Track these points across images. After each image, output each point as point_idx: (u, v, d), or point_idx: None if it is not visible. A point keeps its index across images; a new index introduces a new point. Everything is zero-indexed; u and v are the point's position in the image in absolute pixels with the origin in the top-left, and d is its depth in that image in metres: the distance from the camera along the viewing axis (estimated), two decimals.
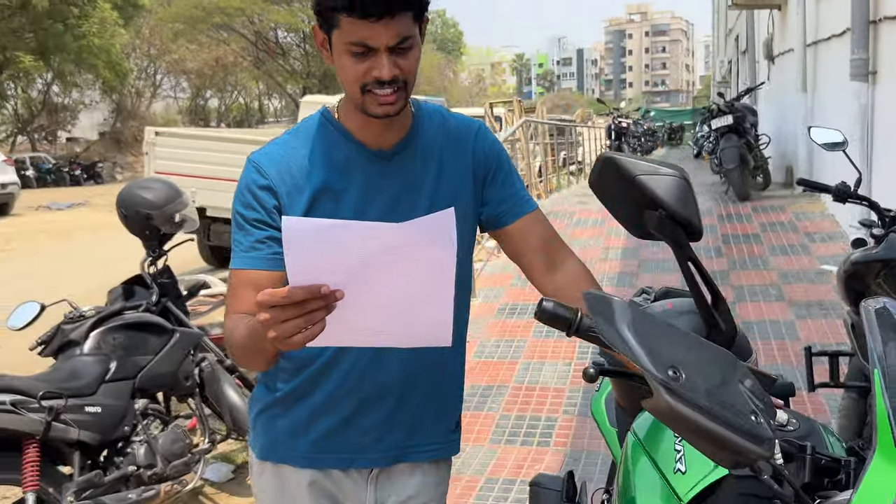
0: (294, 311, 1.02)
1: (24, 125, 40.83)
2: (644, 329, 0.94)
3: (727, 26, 20.06)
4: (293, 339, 1.03)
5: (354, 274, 1.04)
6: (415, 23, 1.31)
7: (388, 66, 1.29)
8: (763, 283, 5.75)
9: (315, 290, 1.01)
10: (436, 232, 1.04)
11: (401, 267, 1.05)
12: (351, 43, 1.28)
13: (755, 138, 8.88)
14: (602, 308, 0.95)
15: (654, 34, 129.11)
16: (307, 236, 1.02)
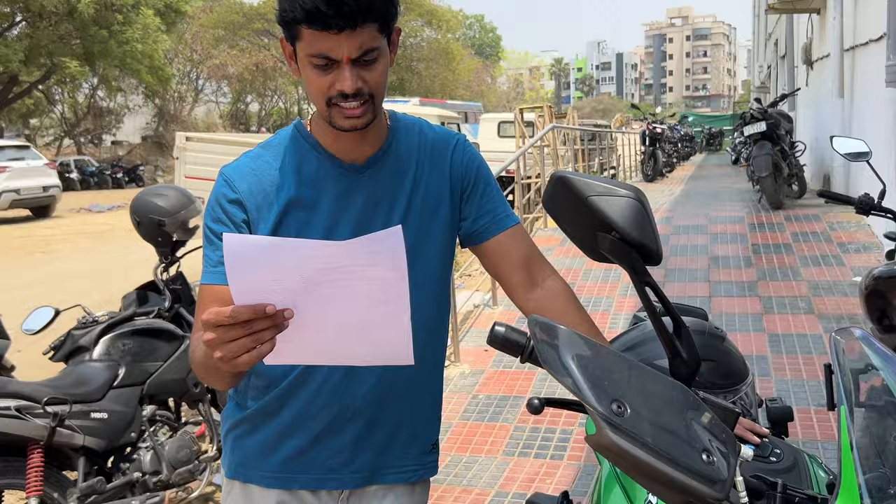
0: (239, 331, 1.00)
1: (70, 129, 41.86)
2: (589, 359, 0.89)
3: (767, 30, 19.70)
4: (240, 360, 1.01)
5: (300, 293, 1.02)
6: (380, 34, 1.28)
7: (350, 79, 1.25)
8: (792, 294, 5.60)
9: (260, 310, 0.99)
10: (382, 251, 1.00)
11: (348, 286, 1.02)
12: (312, 55, 1.25)
13: (790, 145, 8.67)
14: (546, 335, 0.90)
15: (696, 38, 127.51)
16: (247, 254, 0.99)
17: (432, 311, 1.48)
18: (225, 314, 0.98)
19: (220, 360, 1.01)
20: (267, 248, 1.00)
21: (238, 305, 0.99)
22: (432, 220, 1.46)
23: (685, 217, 8.28)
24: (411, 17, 41.21)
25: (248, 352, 1.01)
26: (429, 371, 1.51)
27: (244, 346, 1.00)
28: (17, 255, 12.31)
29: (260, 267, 0.99)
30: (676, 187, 12.92)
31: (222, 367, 1.04)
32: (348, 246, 0.99)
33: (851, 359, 0.93)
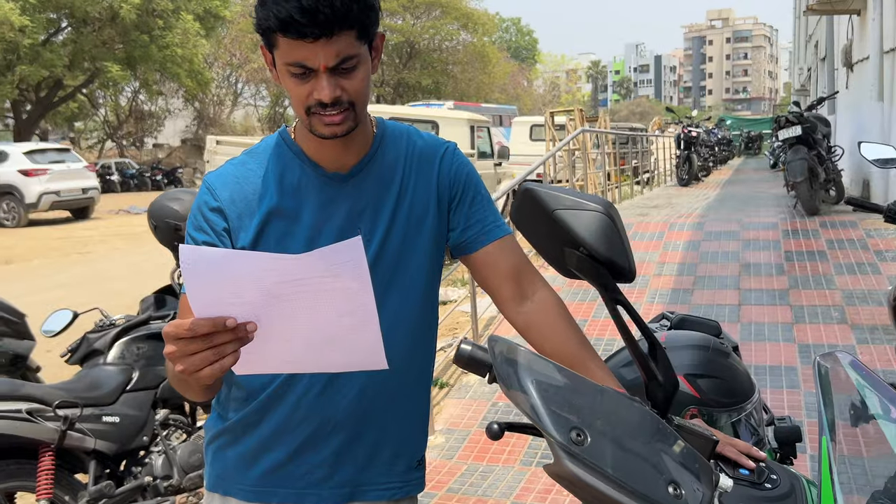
0: (200, 345, 0.98)
1: (112, 132, 42.75)
2: (551, 383, 0.85)
3: (807, 32, 19.30)
4: (202, 373, 0.99)
5: (262, 306, 1.00)
6: (359, 41, 1.24)
7: (328, 88, 1.23)
8: (825, 303, 5.44)
9: (220, 323, 0.98)
10: (342, 262, 0.97)
11: (310, 298, 1.00)
12: (289, 64, 1.23)
13: (827, 150, 8.45)
14: (504, 356, 0.86)
15: (736, 40, 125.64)
16: (205, 266, 0.98)
17: (418, 321, 1.44)
18: (184, 327, 0.97)
19: (181, 373, 0.99)
20: (223, 261, 0.98)
21: (198, 318, 0.98)
22: (418, 229, 1.42)
23: (717, 223, 8.11)
24: (447, 21, 41.25)
25: (210, 365, 0.99)
26: (414, 383, 1.47)
27: (205, 360, 0.99)
28: (54, 257, 12.56)
29: (218, 279, 0.97)
30: (711, 192, 12.70)
31: (187, 380, 1.02)
32: (306, 259, 0.97)
33: (837, 386, 0.87)
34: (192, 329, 0.96)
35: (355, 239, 0.97)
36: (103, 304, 3.55)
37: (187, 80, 30.85)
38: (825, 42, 13.93)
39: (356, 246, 0.96)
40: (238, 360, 1.01)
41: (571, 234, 0.89)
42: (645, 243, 7.49)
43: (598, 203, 0.90)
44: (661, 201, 11.26)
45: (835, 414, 0.84)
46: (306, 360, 1.09)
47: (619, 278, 0.91)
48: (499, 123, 24.58)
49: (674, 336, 1.75)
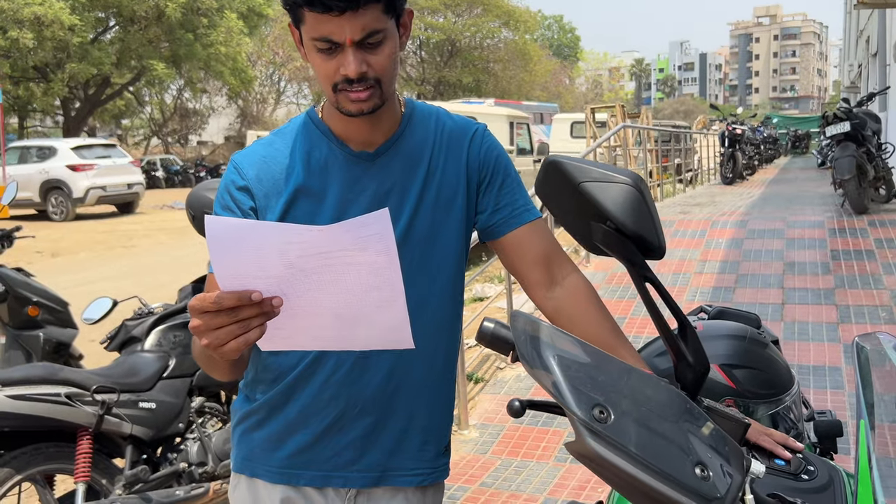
0: (226, 318, 0.97)
1: (157, 129, 43.59)
2: (573, 359, 0.82)
3: (858, 27, 18.81)
4: (227, 347, 0.98)
5: (287, 281, 0.98)
6: (387, 16, 1.23)
7: (354, 63, 1.21)
8: (872, 303, 5.29)
9: (245, 297, 0.96)
10: (369, 234, 0.95)
11: (336, 272, 0.98)
12: (315, 39, 1.22)
13: (877, 147, 8.21)
14: (527, 332, 0.83)
15: (784, 38, 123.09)
16: (230, 237, 0.96)
17: (446, 305, 1.43)
18: (210, 300, 0.96)
19: (206, 346, 0.98)
20: (248, 232, 0.96)
21: (223, 291, 0.96)
22: (447, 211, 1.40)
23: (761, 220, 7.94)
24: (489, 19, 41.14)
25: (236, 338, 0.97)
26: (442, 368, 1.45)
27: (231, 333, 0.97)
28: (99, 250, 12.83)
29: (243, 251, 0.96)
30: (756, 190, 12.45)
31: (212, 355, 1.02)
32: (332, 230, 0.95)
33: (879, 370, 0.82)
34: (218, 302, 0.95)
35: (382, 211, 0.95)
36: (146, 296, 3.60)
37: (231, 78, 31.29)
38: (877, 37, 13.54)
39: (383, 218, 0.94)
40: (264, 333, 0.99)
41: (598, 208, 0.86)
42: (686, 241, 7.36)
43: (627, 176, 0.87)
44: (704, 199, 11.07)
45: (874, 398, 0.80)
46: (332, 337, 1.08)
47: (647, 254, 0.88)
48: (539, 121, 24.44)
49: (711, 325, 1.70)
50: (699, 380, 0.91)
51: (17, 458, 2.69)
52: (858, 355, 0.83)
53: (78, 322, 4.14)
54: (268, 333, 1.01)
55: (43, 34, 23.88)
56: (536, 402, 0.96)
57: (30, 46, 23.94)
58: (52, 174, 17.74)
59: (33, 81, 28.35)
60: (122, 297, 3.54)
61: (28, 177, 17.60)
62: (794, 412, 1.63)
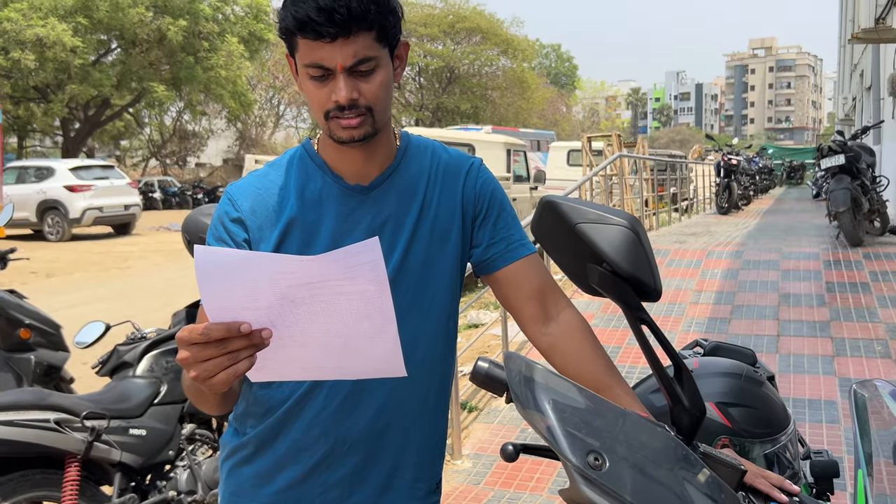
0: (214, 350, 0.96)
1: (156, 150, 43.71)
2: (569, 404, 0.81)
3: (853, 61, 19.01)
4: (215, 379, 0.97)
5: (277, 310, 0.98)
6: (379, 44, 1.24)
7: (345, 89, 1.22)
8: (868, 336, 5.28)
9: (234, 329, 0.95)
10: (359, 264, 0.95)
11: (327, 302, 0.97)
12: (307, 66, 1.23)
13: (872, 180, 8.26)
14: (521, 373, 0.82)
15: (779, 69, 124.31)
16: (219, 267, 0.95)
17: (439, 341, 1.41)
18: (198, 332, 0.95)
19: (195, 379, 0.97)
20: (238, 262, 0.96)
21: (212, 323, 0.95)
22: (442, 245, 1.39)
23: (757, 251, 7.96)
24: (487, 47, 41.53)
25: (224, 370, 0.96)
26: (434, 404, 1.43)
27: (220, 365, 0.96)
28: (95, 271, 12.78)
29: (233, 281, 0.95)
30: (751, 220, 12.50)
31: (201, 387, 1.00)
32: (323, 260, 0.94)
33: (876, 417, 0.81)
34: (206, 334, 0.94)
35: (373, 240, 0.94)
36: (140, 319, 3.58)
37: (231, 102, 31.44)
38: (871, 71, 13.69)
39: (374, 247, 0.94)
40: (253, 364, 0.98)
41: (594, 249, 0.85)
42: (682, 271, 7.37)
43: (623, 217, 0.86)
44: (700, 229, 11.10)
45: (873, 447, 0.79)
46: (323, 367, 1.07)
47: (643, 296, 0.87)
48: (537, 148, 24.58)
49: (706, 363, 1.69)
50: (695, 424, 0.90)
51: (3, 485, 2.65)
52: (856, 403, 0.82)
53: (70, 345, 4.11)
54: (257, 364, 0.99)
55: (45, 55, 24.01)
56: (530, 446, 0.95)
57: (31, 67, 24.07)
58: (49, 194, 17.74)
59: (33, 102, 28.46)
60: (116, 319, 3.52)
61: (25, 197, 17.60)
62: (790, 451, 1.62)
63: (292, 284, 0.95)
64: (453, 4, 42.10)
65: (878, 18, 9.39)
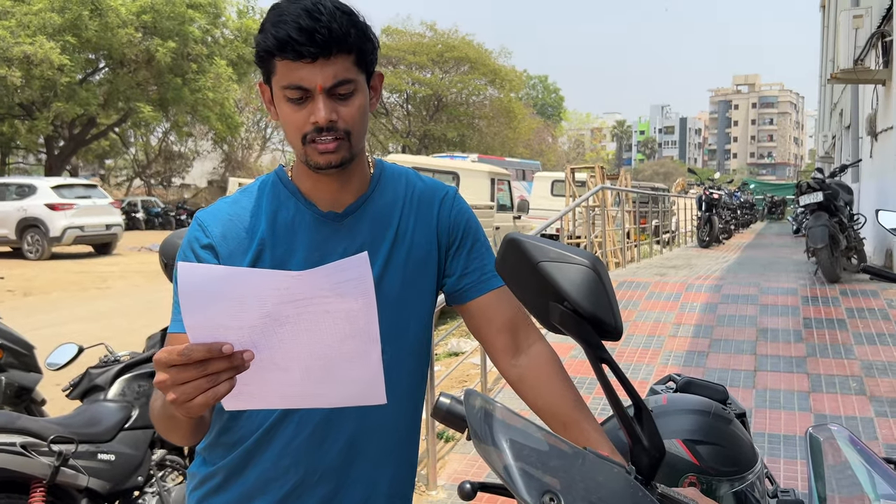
0: (194, 372, 0.93)
1: (141, 170, 43.56)
2: (526, 443, 0.81)
3: (832, 100, 19.35)
4: (194, 402, 0.94)
5: (260, 332, 0.95)
6: (357, 69, 1.25)
7: (324, 110, 1.22)
8: (843, 373, 5.31)
9: (216, 349, 0.93)
10: (346, 280, 0.93)
11: (311, 321, 0.95)
12: (286, 87, 1.22)
13: (849, 217, 8.37)
14: (481, 410, 0.82)
15: (762, 106, 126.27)
16: (203, 284, 0.92)
17: (412, 371, 1.41)
18: (177, 353, 0.92)
19: (172, 402, 0.95)
20: (224, 279, 0.93)
21: (192, 343, 0.93)
22: (417, 274, 1.39)
23: (735, 286, 8.02)
24: (475, 76, 41.93)
25: (203, 393, 0.94)
26: (406, 434, 1.42)
27: (198, 388, 0.94)
28: (73, 290, 12.66)
29: (216, 300, 0.92)
30: (731, 254, 12.60)
31: (176, 412, 0.98)
32: (311, 275, 0.93)
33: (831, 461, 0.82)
34: (186, 355, 0.92)
35: (362, 255, 0.94)
36: (118, 340, 3.54)
37: (217, 124, 31.48)
38: (850, 110, 13.93)
39: (362, 262, 0.93)
40: (233, 387, 0.96)
41: (555, 288, 0.86)
42: (662, 303, 7.40)
43: (584, 257, 0.87)
44: (681, 262, 11.17)
45: (826, 490, 0.79)
46: (303, 394, 1.04)
47: (604, 336, 0.88)
48: (522, 177, 24.73)
49: (675, 399, 1.69)
50: (654, 464, 0.91)
51: None
52: (812, 447, 0.83)
53: (43, 367, 4.05)
54: (234, 390, 0.97)
55: (31, 73, 23.98)
56: (488, 484, 0.95)
57: (17, 84, 24.00)
58: (29, 212, 17.61)
59: (18, 118, 28.35)
60: (94, 340, 3.48)
61: (5, 214, 17.48)
62: (758, 489, 1.62)
63: (278, 301, 0.93)
64: (442, 34, 42.55)
65: (856, 60, 9.59)
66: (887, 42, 9.02)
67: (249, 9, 32.95)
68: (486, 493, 0.93)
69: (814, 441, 0.84)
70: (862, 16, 9.61)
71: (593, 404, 4.57)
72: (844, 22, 9.77)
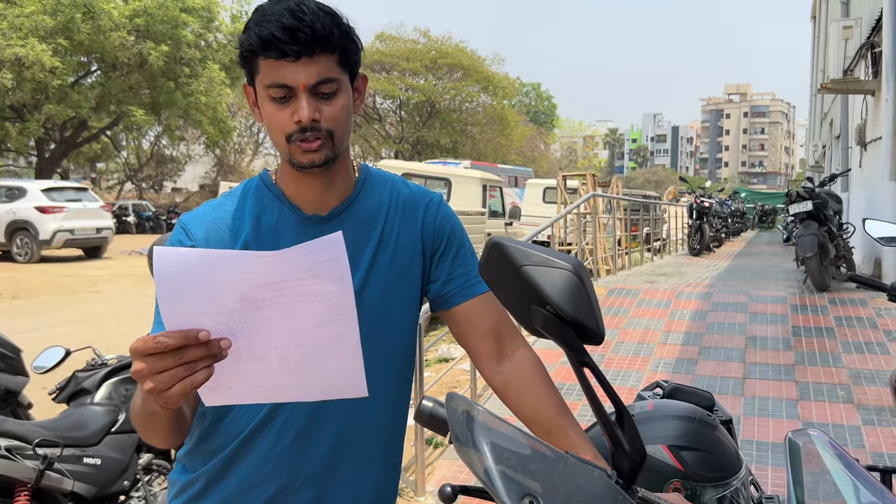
0: (171, 360, 0.93)
1: (132, 174, 43.43)
2: (507, 446, 0.81)
3: (823, 110, 19.48)
4: (171, 391, 0.94)
5: (237, 316, 0.94)
6: (341, 68, 1.25)
7: (307, 108, 1.22)
8: (831, 381, 5.33)
9: (192, 336, 0.92)
10: (322, 260, 0.92)
11: (288, 304, 0.95)
12: (269, 86, 1.22)
13: (838, 226, 8.42)
14: (463, 413, 0.82)
15: (754, 115, 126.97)
16: (179, 269, 0.91)
17: (396, 373, 1.41)
18: (153, 341, 0.92)
19: (150, 392, 0.94)
20: (199, 262, 0.92)
21: (168, 331, 0.93)
22: (401, 279, 1.39)
23: (725, 294, 8.05)
24: (468, 83, 42.03)
25: (181, 381, 0.93)
26: (390, 438, 1.42)
27: (175, 377, 0.93)
28: (62, 294, 12.59)
29: (192, 284, 0.92)
30: (721, 262, 12.65)
31: (154, 404, 0.97)
32: (286, 255, 0.92)
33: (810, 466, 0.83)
34: (162, 342, 0.91)
35: (336, 234, 0.93)
36: (107, 344, 3.53)
37: (210, 128, 31.41)
38: (840, 120, 14.03)
39: (337, 242, 0.93)
40: (211, 375, 0.95)
41: (538, 291, 0.86)
42: (651, 311, 7.42)
43: (567, 261, 0.87)
44: (671, 269, 11.21)
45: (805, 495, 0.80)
46: (281, 386, 1.03)
47: (586, 339, 0.88)
48: (514, 184, 24.79)
49: (661, 405, 1.70)
50: (635, 468, 0.91)
51: None
52: (791, 452, 0.83)
53: (30, 370, 4.03)
54: (212, 383, 0.96)
55: (23, 75, 23.89)
56: (469, 487, 0.95)
57: (8, 86, 23.91)
58: (19, 215, 17.52)
59: (9, 121, 28.22)
60: (81, 344, 3.46)
61: None
62: (742, 496, 1.62)
63: (254, 284, 0.93)
64: (436, 40, 42.65)
65: (846, 70, 9.66)
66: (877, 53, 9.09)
67: (242, 13, 32.92)
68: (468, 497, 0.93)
69: (793, 446, 0.84)
70: (852, 27, 9.68)
71: (581, 412, 4.57)
72: (834, 32, 9.85)
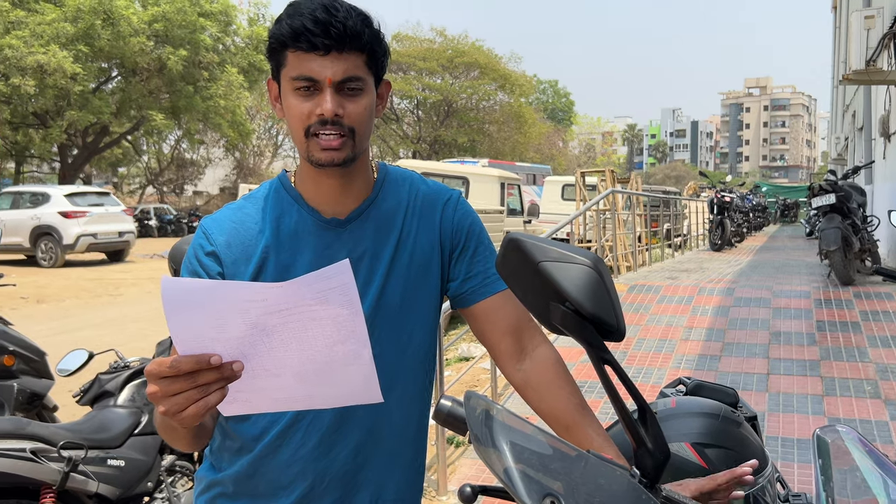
0: (184, 384, 0.94)
1: (153, 178, 43.84)
2: (527, 445, 0.79)
3: (845, 102, 19.23)
4: (185, 413, 0.95)
5: (248, 340, 0.95)
6: (367, 69, 1.25)
7: (331, 102, 1.22)
8: (857, 376, 5.26)
9: (204, 361, 0.93)
10: (332, 288, 0.93)
11: (299, 329, 0.96)
12: (295, 78, 1.23)
13: (862, 219, 8.29)
14: (481, 412, 0.81)
15: (774, 108, 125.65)
16: (186, 298, 0.93)
17: (418, 376, 1.40)
18: (166, 365, 0.93)
19: (164, 414, 0.95)
20: (206, 292, 0.93)
21: (181, 356, 0.93)
22: (421, 278, 1.38)
23: (748, 289, 7.96)
24: (485, 81, 41.96)
25: (195, 403, 0.94)
26: (413, 439, 1.42)
27: (189, 399, 0.94)
28: (86, 297, 12.72)
29: (201, 312, 0.93)
30: (744, 258, 12.53)
31: (171, 422, 0.98)
32: (292, 286, 0.92)
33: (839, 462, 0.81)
34: (175, 367, 0.92)
35: (343, 262, 0.93)
36: (129, 347, 3.55)
37: (229, 131, 31.62)
38: (862, 112, 13.84)
39: (345, 269, 0.93)
40: (224, 397, 0.96)
41: (557, 288, 0.84)
42: (673, 307, 7.36)
43: (586, 257, 0.86)
44: (692, 265, 11.12)
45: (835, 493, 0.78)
46: (298, 397, 1.04)
47: (606, 336, 0.86)
48: (532, 182, 24.74)
49: (684, 402, 1.68)
50: (659, 467, 0.89)
51: None
52: (819, 449, 0.81)
53: (54, 373, 4.07)
54: (229, 397, 0.97)
55: (45, 82, 24.18)
56: (489, 488, 0.94)
57: (31, 93, 24.22)
58: (43, 220, 17.75)
59: (32, 127, 28.59)
60: (104, 347, 3.50)
61: (19, 222, 17.61)
62: (769, 493, 1.60)
63: (263, 312, 0.93)
64: (452, 39, 42.64)
65: (868, 60, 9.52)
66: None
67: (260, 17, 33.14)
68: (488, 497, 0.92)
69: (821, 442, 0.82)
70: (874, 16, 9.53)
71: (603, 410, 4.54)
72: (856, 23, 9.70)
